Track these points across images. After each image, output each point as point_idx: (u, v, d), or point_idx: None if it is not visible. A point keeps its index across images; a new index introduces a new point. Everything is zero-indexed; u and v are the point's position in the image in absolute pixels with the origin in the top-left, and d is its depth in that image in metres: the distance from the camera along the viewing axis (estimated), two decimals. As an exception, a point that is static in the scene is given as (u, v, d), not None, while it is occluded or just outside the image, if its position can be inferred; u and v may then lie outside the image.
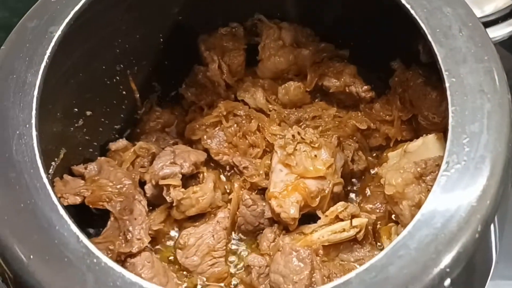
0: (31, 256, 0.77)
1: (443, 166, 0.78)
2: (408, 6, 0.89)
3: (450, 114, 0.80)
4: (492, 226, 0.81)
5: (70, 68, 1.05)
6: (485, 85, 0.82)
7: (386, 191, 0.98)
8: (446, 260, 0.73)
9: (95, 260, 0.76)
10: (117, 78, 1.19)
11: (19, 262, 0.78)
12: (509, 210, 0.90)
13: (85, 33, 1.03)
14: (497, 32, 1.36)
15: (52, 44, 0.91)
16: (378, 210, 1.12)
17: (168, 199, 1.10)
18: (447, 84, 0.82)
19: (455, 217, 0.75)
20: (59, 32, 0.91)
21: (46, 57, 0.90)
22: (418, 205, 0.95)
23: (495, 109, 0.81)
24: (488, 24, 1.37)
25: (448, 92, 0.82)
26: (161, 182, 1.10)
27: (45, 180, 0.81)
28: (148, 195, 1.12)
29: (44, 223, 0.79)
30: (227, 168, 1.18)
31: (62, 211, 0.79)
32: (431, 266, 0.72)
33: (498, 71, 0.84)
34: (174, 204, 1.10)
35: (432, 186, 0.80)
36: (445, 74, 0.83)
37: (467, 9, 0.89)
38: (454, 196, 0.76)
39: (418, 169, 0.96)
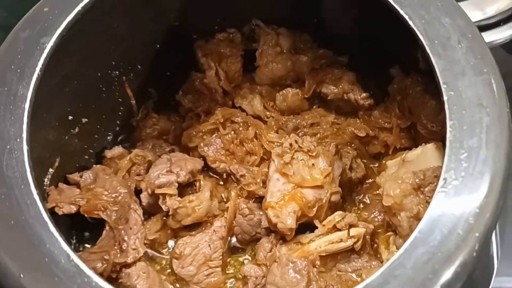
0: (22, 275, 0.76)
1: (441, 182, 0.77)
2: (406, 17, 0.87)
3: (448, 129, 0.79)
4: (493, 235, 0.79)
5: (65, 77, 1.04)
6: (484, 98, 0.81)
7: (384, 202, 0.97)
8: (443, 279, 0.72)
9: (86, 280, 0.75)
10: (113, 84, 1.17)
11: (11, 279, 0.78)
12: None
13: (79, 42, 1.02)
14: (499, 34, 1.34)
15: (44, 55, 0.89)
16: (376, 219, 1.10)
17: (164, 208, 1.08)
18: (445, 98, 0.81)
19: (453, 235, 0.74)
20: (51, 43, 0.90)
21: (37, 69, 0.88)
22: (417, 217, 0.94)
23: (494, 123, 0.79)
24: (489, 26, 1.34)
25: (446, 106, 0.80)
26: (157, 191, 1.08)
27: (36, 197, 0.80)
28: (144, 203, 1.11)
29: (35, 240, 0.78)
30: (224, 175, 1.17)
31: (52, 229, 0.78)
32: (428, 285, 0.71)
33: (497, 84, 0.82)
34: (170, 213, 1.08)
35: (430, 197, 0.79)
36: (443, 87, 0.81)
37: (466, 20, 0.87)
38: (452, 213, 0.75)
39: (417, 180, 0.95)
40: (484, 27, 1.33)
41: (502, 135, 0.79)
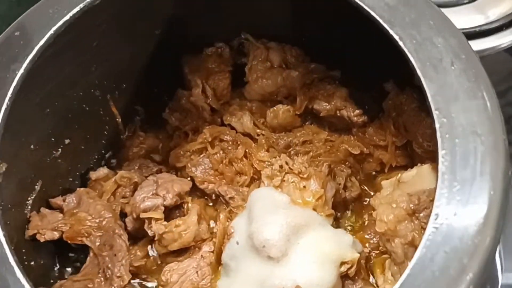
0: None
1: (432, 217, 0.72)
2: (397, 37, 0.82)
3: (440, 159, 0.74)
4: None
5: (44, 99, 1.01)
6: (479, 125, 0.76)
7: (378, 228, 0.93)
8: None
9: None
10: (97, 103, 1.14)
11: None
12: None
13: (56, 64, 0.98)
14: (502, 39, 1.29)
15: (14, 83, 0.86)
16: (372, 241, 1.07)
17: (149, 232, 1.05)
18: (437, 125, 0.76)
19: (444, 276, 0.69)
20: (21, 71, 0.86)
21: (7, 99, 0.85)
22: (411, 243, 0.90)
23: (489, 153, 0.75)
24: (492, 31, 1.30)
25: (438, 134, 0.75)
26: (142, 215, 1.05)
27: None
28: (129, 228, 1.08)
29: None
30: (214, 196, 1.13)
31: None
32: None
33: (493, 108, 0.77)
34: (156, 238, 1.05)
35: (426, 223, 0.74)
36: (435, 113, 0.77)
37: (460, 39, 0.82)
38: (443, 252, 0.70)
39: (411, 205, 0.91)
40: (487, 32, 1.28)
41: (498, 165, 0.74)
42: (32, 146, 1.03)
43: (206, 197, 1.14)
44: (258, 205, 1.01)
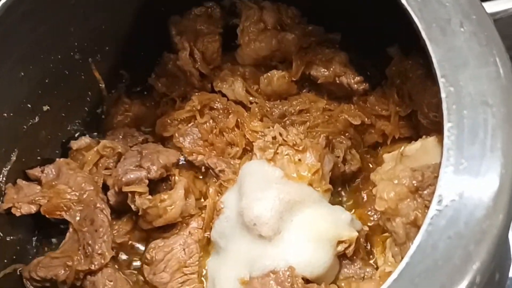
0: None
1: (435, 199, 0.64)
2: (399, -6, 0.73)
3: (446, 133, 0.67)
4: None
5: (17, 61, 0.95)
6: (490, 95, 0.68)
7: (377, 207, 0.86)
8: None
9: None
10: (78, 68, 1.07)
11: None
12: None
13: (27, 24, 0.92)
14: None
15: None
16: (372, 218, 1.01)
17: (133, 207, 0.99)
18: (443, 95, 0.68)
19: (448, 265, 0.62)
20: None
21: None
22: (414, 223, 0.84)
23: (501, 126, 0.66)
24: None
25: (444, 105, 0.68)
26: (125, 188, 0.99)
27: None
28: (111, 202, 1.02)
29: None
30: (203, 168, 1.07)
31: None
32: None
33: (506, 77, 0.69)
34: (139, 214, 0.99)
35: (430, 201, 0.68)
36: (441, 81, 0.69)
37: (470, -3, 0.73)
38: (447, 238, 0.63)
39: (414, 182, 0.84)
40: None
41: (510, 140, 0.66)
42: (5, 114, 0.97)
43: (195, 170, 1.08)
44: (249, 180, 0.96)
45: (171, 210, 0.98)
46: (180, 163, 1.07)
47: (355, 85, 1.04)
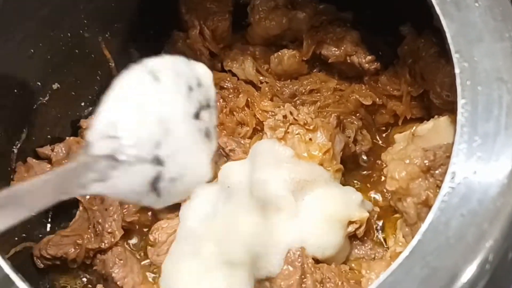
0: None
1: (448, 177, 0.64)
2: (411, -32, 0.72)
3: (459, 110, 0.66)
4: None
5: (26, 39, 0.93)
6: (505, 71, 0.67)
7: (388, 186, 0.86)
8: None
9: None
10: (88, 46, 1.06)
11: None
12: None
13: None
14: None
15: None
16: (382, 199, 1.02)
17: None
18: (457, 71, 0.67)
19: (461, 243, 0.61)
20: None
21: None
22: (425, 203, 0.83)
23: (517, 103, 0.65)
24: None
25: (458, 81, 0.67)
26: None
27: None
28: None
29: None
30: (214, 148, 1.04)
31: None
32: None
33: (523, 52, 0.67)
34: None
35: (441, 181, 0.67)
36: (455, 57, 0.68)
37: (485, -31, 0.72)
38: (460, 215, 0.62)
39: (426, 161, 0.84)
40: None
41: (526, 117, 0.65)
42: (15, 91, 0.96)
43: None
44: (259, 159, 0.95)
45: (181, 188, 0.97)
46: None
47: (367, 65, 1.02)
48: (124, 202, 0.98)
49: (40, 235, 1.02)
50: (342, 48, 1.03)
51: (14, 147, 0.99)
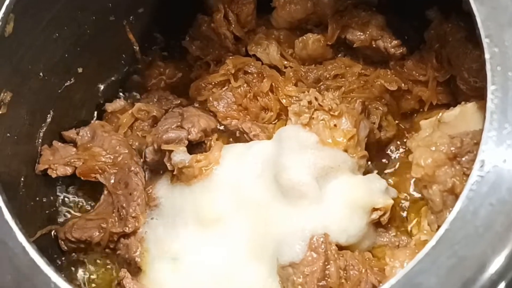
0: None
1: (477, 164, 0.62)
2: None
3: (489, 96, 0.64)
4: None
5: (51, 22, 0.93)
6: (537, 56, 0.64)
7: (413, 173, 0.85)
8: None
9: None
10: (112, 29, 1.05)
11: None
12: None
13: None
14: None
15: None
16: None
17: (168, 166, 0.97)
18: (487, 56, 0.65)
19: (490, 232, 0.59)
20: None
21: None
22: (451, 191, 0.81)
23: (549, 89, 0.63)
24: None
25: (488, 67, 0.65)
26: (164, 146, 0.97)
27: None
28: (148, 159, 1.00)
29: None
30: (237, 133, 1.04)
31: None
32: None
33: (555, 37, 0.65)
34: (174, 173, 0.97)
35: (468, 168, 0.69)
36: (485, 42, 0.66)
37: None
38: (489, 205, 0.61)
39: (452, 148, 0.82)
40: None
41: (558, 105, 0.62)
42: (41, 74, 0.96)
43: (228, 135, 1.05)
44: (283, 145, 0.94)
45: (206, 171, 0.96)
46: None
47: (392, 49, 1.00)
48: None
49: (65, 218, 1.03)
50: (368, 32, 1.01)
51: (39, 130, 1.00)
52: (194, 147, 1.01)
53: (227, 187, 0.94)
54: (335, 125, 0.94)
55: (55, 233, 0.99)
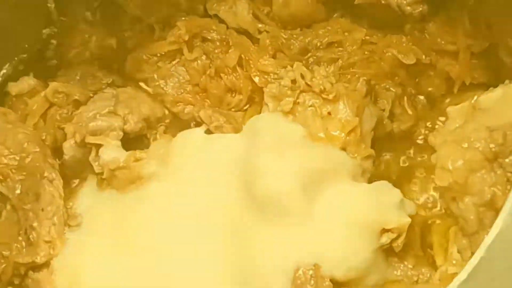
0: None
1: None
2: None
3: None
4: None
5: None
6: None
7: (438, 181, 0.88)
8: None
9: None
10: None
11: None
12: None
13: None
14: None
15: None
16: (430, 202, 1.01)
17: (95, 167, 0.99)
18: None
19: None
20: None
21: None
22: (491, 205, 0.84)
23: None
24: None
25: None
26: (90, 139, 0.99)
27: None
28: (67, 157, 1.02)
29: None
30: (192, 124, 1.06)
31: None
32: None
33: None
34: (103, 176, 0.99)
35: None
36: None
37: None
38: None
39: (492, 146, 0.85)
40: None
41: None
42: None
43: (181, 127, 1.07)
44: (259, 140, 0.94)
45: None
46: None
47: (409, 7, 1.01)
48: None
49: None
50: (374, -17, 1.02)
51: None
52: (132, 141, 1.03)
53: (176, 199, 0.96)
54: (329, 113, 0.96)
55: None
